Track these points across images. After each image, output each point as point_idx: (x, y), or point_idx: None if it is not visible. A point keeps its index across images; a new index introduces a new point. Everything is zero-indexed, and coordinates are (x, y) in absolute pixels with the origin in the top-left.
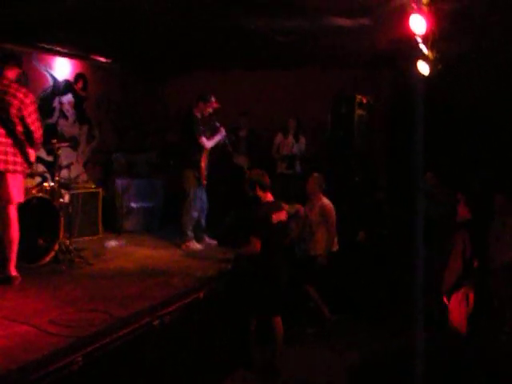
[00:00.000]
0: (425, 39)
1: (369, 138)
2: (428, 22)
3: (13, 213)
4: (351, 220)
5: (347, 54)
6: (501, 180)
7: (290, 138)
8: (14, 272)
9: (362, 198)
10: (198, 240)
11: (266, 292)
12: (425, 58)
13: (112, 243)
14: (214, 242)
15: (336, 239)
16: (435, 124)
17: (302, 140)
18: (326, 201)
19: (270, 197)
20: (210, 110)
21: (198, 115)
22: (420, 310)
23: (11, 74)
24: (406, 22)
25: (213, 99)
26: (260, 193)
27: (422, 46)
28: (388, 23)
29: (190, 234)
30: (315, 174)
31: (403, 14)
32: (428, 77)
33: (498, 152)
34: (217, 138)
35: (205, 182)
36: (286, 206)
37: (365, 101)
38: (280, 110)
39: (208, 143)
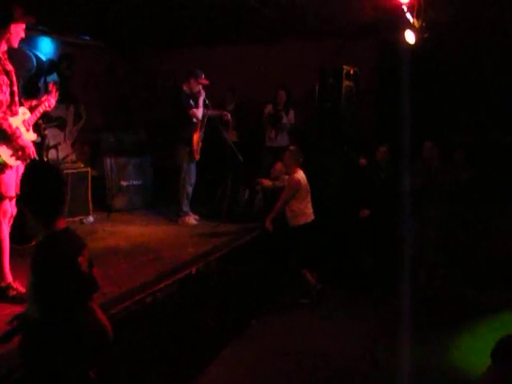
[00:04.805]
0: (411, 8)
1: (357, 109)
2: None
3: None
4: (341, 193)
5: (333, 24)
6: None
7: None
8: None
9: (351, 169)
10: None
11: None
12: (411, 26)
13: (90, 219)
14: (196, 217)
15: (307, 212)
16: (422, 92)
17: (292, 113)
18: (295, 175)
19: None
20: (200, 86)
21: (187, 90)
22: None
23: None
24: None
25: (202, 75)
26: None
27: (408, 15)
28: None
29: (186, 208)
30: (291, 148)
31: None
32: (414, 45)
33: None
34: (201, 103)
35: (197, 157)
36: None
37: (352, 72)
38: (267, 83)
39: (198, 112)
